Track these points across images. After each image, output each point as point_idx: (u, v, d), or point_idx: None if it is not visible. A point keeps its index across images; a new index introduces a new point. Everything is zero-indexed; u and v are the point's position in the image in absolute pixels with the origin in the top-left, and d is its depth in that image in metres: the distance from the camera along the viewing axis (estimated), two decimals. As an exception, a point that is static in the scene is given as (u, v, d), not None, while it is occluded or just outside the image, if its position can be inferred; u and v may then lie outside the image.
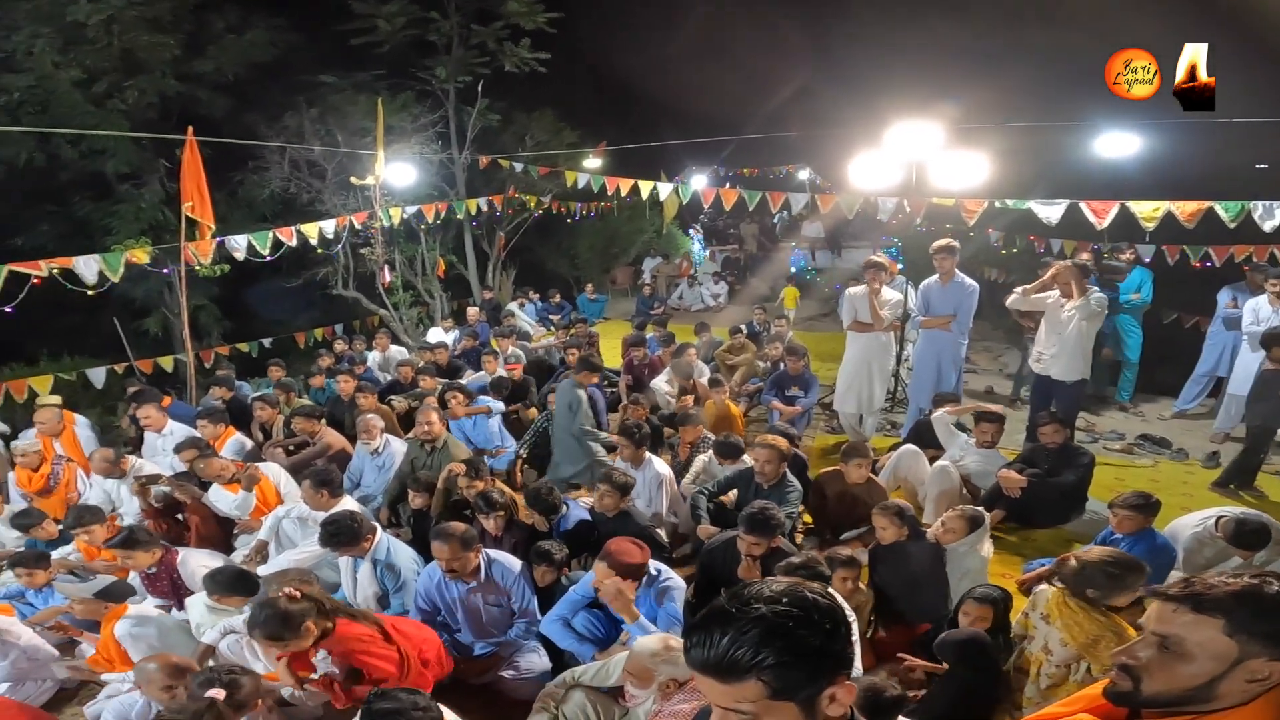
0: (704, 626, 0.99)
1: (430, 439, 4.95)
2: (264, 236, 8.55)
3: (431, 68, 12.04)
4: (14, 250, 10.43)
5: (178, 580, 4.03)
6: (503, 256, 13.84)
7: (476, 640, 3.48)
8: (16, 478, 5.31)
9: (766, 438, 4.20)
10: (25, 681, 3.65)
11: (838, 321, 10.98)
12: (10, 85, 10.25)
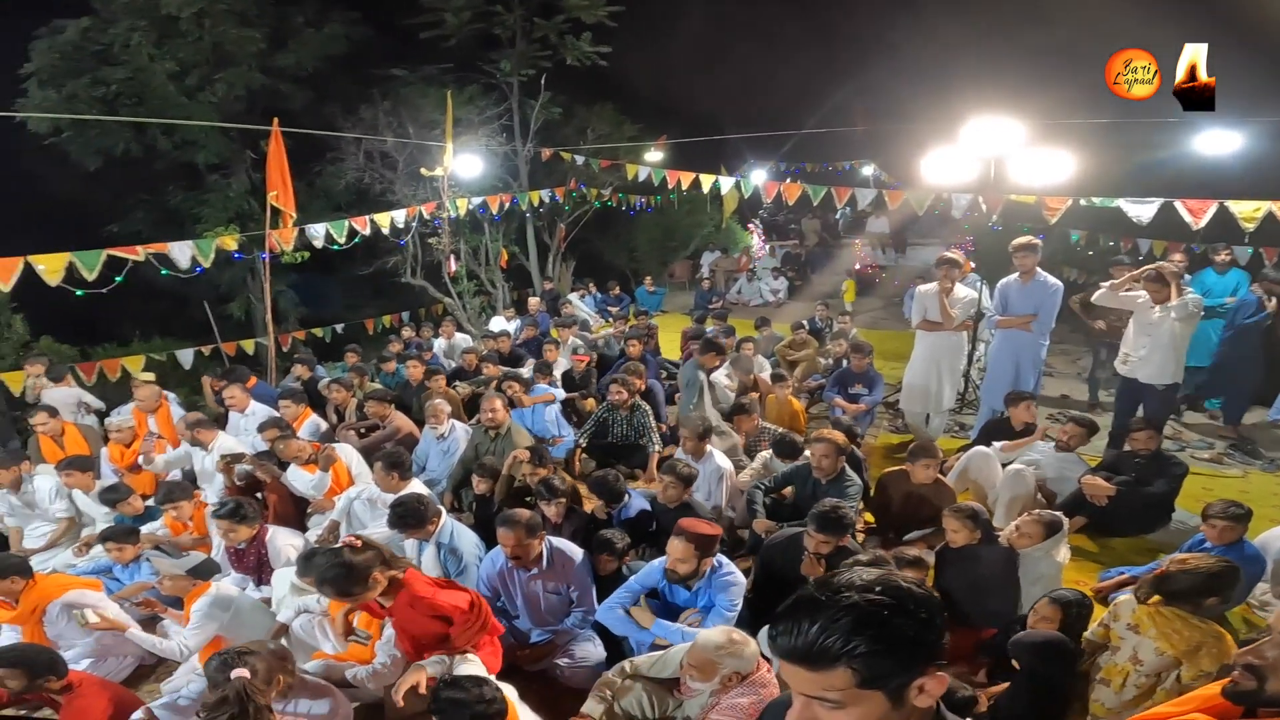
0: (792, 615, 0.99)
1: (494, 426, 5.05)
2: (340, 225, 8.91)
3: (496, 61, 12.28)
4: (110, 236, 11.26)
5: (263, 557, 4.12)
6: (563, 248, 14.04)
7: (534, 627, 3.53)
8: (109, 453, 5.57)
9: (823, 432, 4.17)
10: (108, 657, 3.75)
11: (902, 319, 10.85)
12: (109, 77, 10.92)
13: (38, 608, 3.63)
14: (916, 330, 5.78)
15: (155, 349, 9.50)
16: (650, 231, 16.24)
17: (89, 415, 6.56)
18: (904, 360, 6.01)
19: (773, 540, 3.70)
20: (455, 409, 5.90)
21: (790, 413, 5.61)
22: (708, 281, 12.75)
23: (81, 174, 11.82)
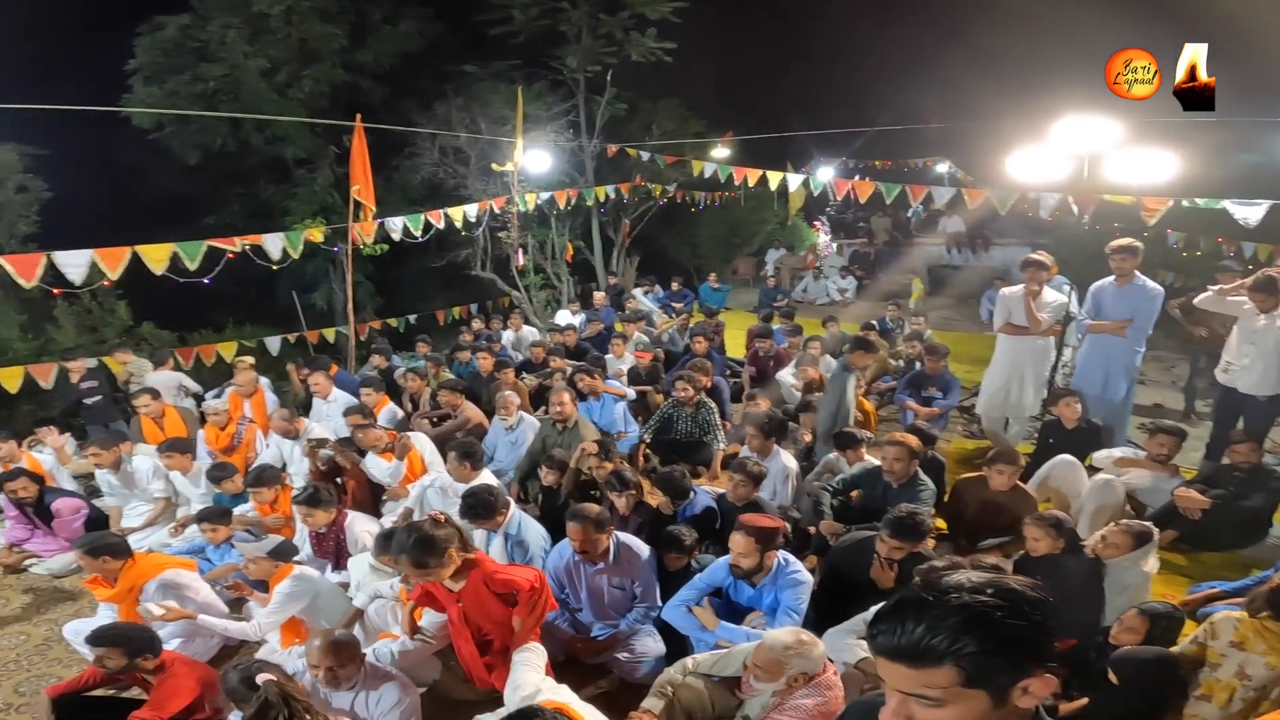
0: (897, 614, 1.01)
1: (562, 419, 5.13)
2: (416, 219, 9.22)
3: (562, 57, 12.42)
4: (207, 228, 11.96)
5: (342, 542, 4.18)
6: (627, 243, 14.11)
7: (596, 621, 3.54)
8: (205, 435, 5.83)
9: (895, 435, 4.07)
10: (196, 637, 3.81)
11: (975, 321, 10.45)
12: (207, 74, 11.57)
13: (135, 587, 3.70)
14: (998, 334, 5.54)
15: (246, 336, 10.08)
16: (714, 228, 16.14)
17: (187, 398, 7.00)
18: (978, 363, 5.82)
19: (841, 543, 3.65)
20: (523, 401, 6.02)
21: (862, 414, 5.48)
22: (773, 279, 12.59)
23: (182, 168, 12.62)
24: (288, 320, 12.30)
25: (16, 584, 4.78)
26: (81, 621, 3.97)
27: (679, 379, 5.41)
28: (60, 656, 4.02)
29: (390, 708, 2.72)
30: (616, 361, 6.84)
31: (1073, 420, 4.86)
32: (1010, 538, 3.95)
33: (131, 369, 7.19)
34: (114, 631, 2.97)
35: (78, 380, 6.62)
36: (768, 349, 6.91)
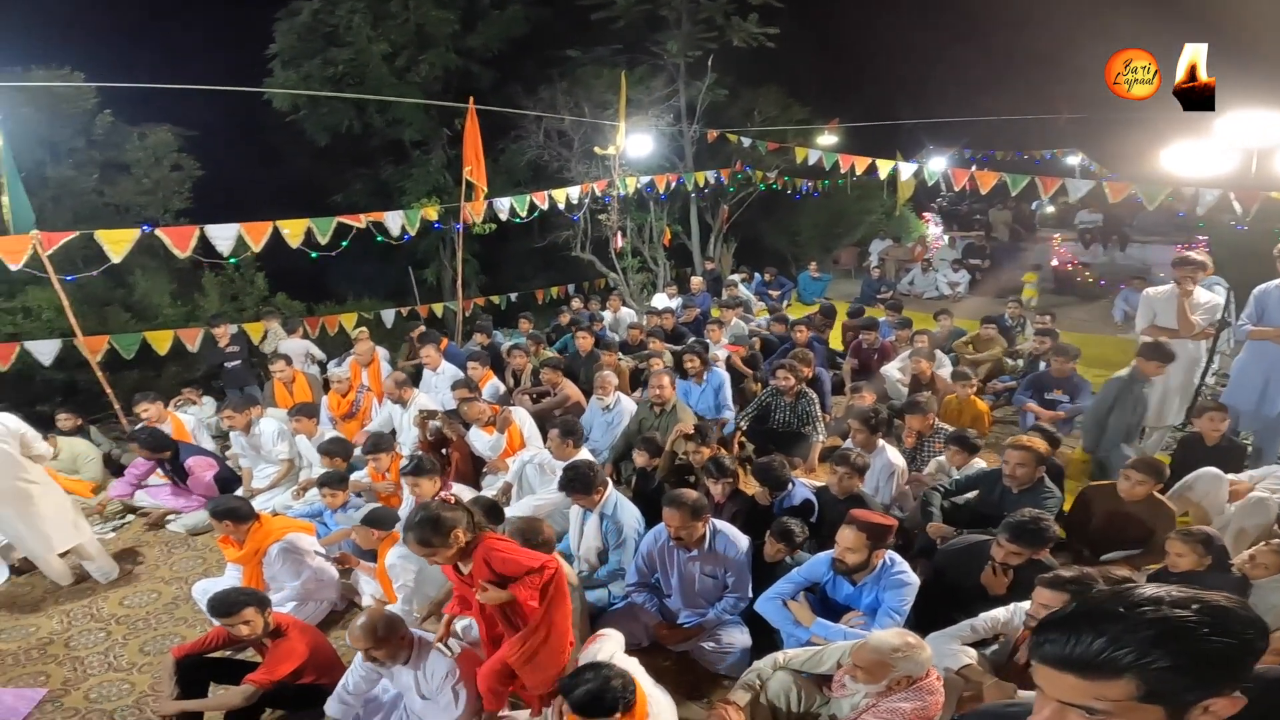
0: (1071, 623, 0.99)
1: (660, 401, 5.14)
2: (523, 200, 9.50)
3: (663, 42, 12.39)
4: (333, 206, 12.79)
5: None
6: (725, 229, 13.97)
7: (684, 608, 3.52)
8: (328, 401, 6.19)
9: (1021, 439, 3.81)
10: (309, 601, 3.92)
11: (1108, 322, 9.61)
12: (336, 58, 12.24)
13: (260, 549, 3.85)
14: (1140, 337, 5.07)
15: (365, 308, 10.71)
16: (815, 216, 15.66)
17: (313, 365, 7.54)
18: (1107, 367, 5.37)
19: (950, 546, 3.50)
20: (621, 382, 6.07)
21: (973, 414, 5.17)
22: (877, 270, 12.07)
23: (313, 149, 13.53)
24: (400, 294, 13.04)
25: (154, 540, 5.14)
26: (210, 581, 4.21)
27: (780, 367, 5.29)
28: (185, 616, 4.22)
29: (443, 679, 2.81)
30: (714, 347, 6.77)
31: (1215, 437, 4.43)
32: (1139, 550, 3.69)
33: (271, 335, 7.80)
34: (240, 594, 3.09)
35: (224, 344, 7.24)
36: (872, 341, 6.64)
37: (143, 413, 5.57)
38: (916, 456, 4.77)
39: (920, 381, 5.76)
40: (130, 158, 10.63)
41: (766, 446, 5.23)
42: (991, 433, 5.43)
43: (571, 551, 4.08)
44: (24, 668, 3.81)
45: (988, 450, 4.59)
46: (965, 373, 5.41)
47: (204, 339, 7.52)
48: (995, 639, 2.87)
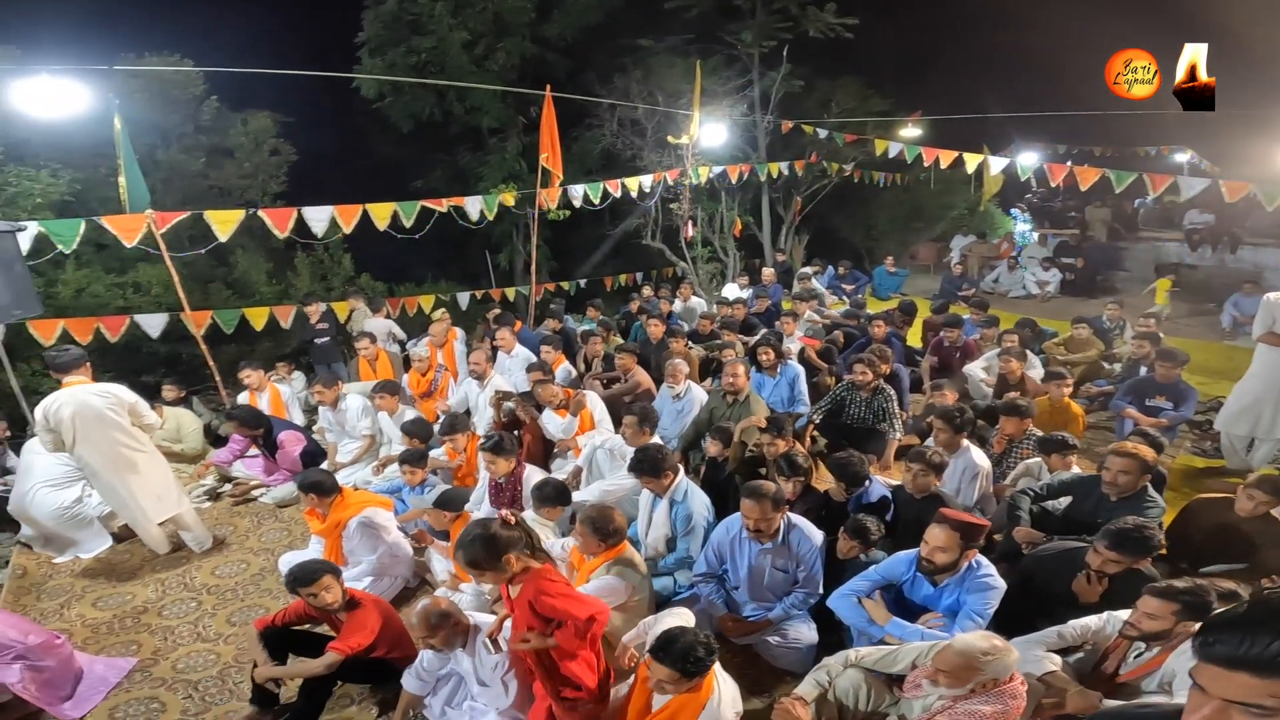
0: (1247, 624, 1.01)
1: (734, 391, 5.09)
2: (596, 187, 9.59)
3: (737, 32, 12.25)
4: (414, 191, 13.23)
5: (518, 494, 4.27)
6: (797, 221, 13.73)
7: (750, 601, 3.48)
8: (408, 379, 6.39)
9: (1127, 445, 3.61)
10: (384, 576, 3.98)
11: (1214, 329, 8.94)
12: (419, 46, 12.60)
13: (341, 522, 3.93)
14: (1257, 344, 4.70)
15: (441, 290, 11.07)
16: (893, 210, 15.18)
17: (394, 344, 7.85)
18: (1213, 375, 5.14)
19: (1041, 551, 3.38)
20: (691, 370, 6.06)
21: (1067, 417, 4.90)
22: (959, 267, 11.57)
23: (396, 136, 14.02)
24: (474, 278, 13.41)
25: (245, 511, 5.35)
26: (295, 554, 4.34)
27: (857, 361, 5.16)
28: (270, 588, 4.34)
29: (492, 669, 2.85)
30: (787, 340, 6.66)
31: None
32: (1245, 565, 3.48)
33: (357, 314, 8.16)
34: (317, 565, 3.20)
35: (315, 322, 7.61)
36: (954, 339, 6.38)
37: (245, 379, 5.89)
38: (1003, 461, 4.57)
39: (1008, 382, 5.50)
40: (233, 142, 11.30)
41: (839, 442, 5.11)
42: (1084, 438, 5.14)
43: (639, 539, 4.09)
44: (118, 636, 3.93)
45: (1079, 456, 4.35)
46: (1061, 372, 5.12)
47: (296, 316, 7.94)
48: (1078, 647, 2.77)
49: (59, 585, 4.50)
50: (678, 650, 2.32)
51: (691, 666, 2.31)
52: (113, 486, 4.42)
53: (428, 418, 5.85)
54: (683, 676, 2.33)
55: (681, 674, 2.32)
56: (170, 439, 5.89)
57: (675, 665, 2.32)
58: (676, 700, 2.42)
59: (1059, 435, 4.15)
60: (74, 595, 4.38)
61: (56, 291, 7.91)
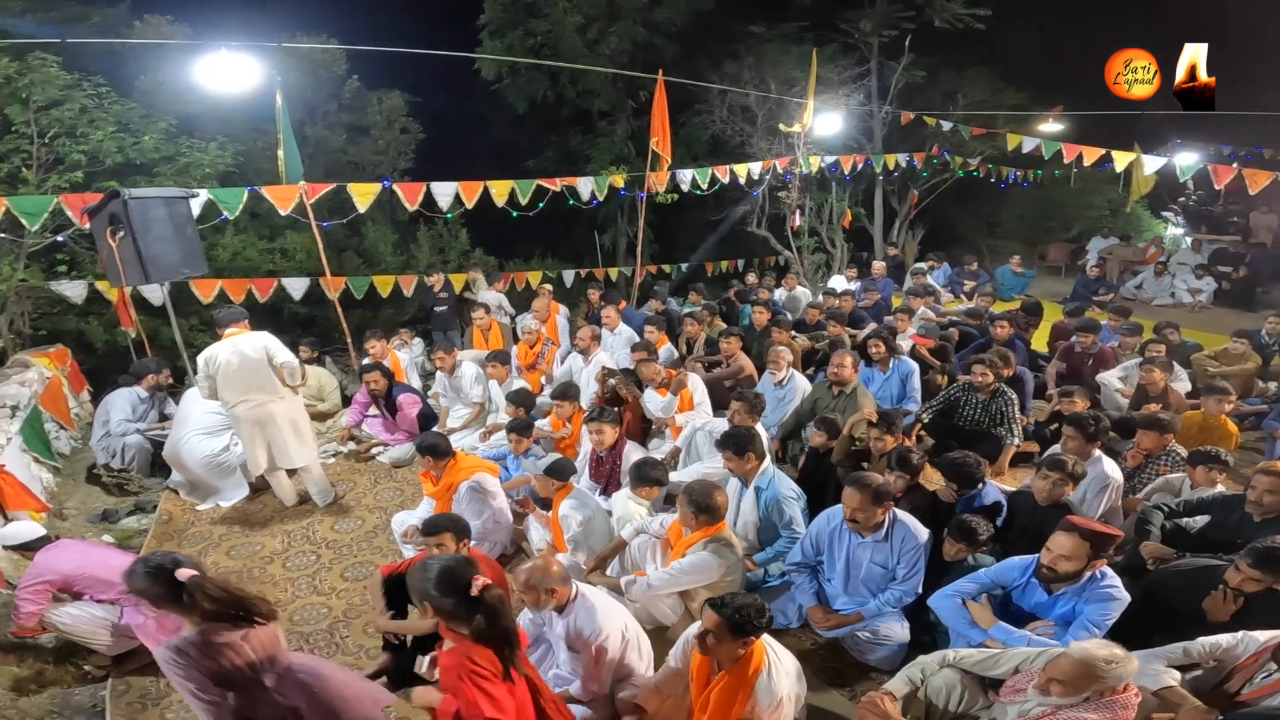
0: None
1: (840, 383, 4.99)
2: (705, 172, 9.57)
3: (854, 21, 11.88)
4: (526, 170, 13.63)
5: (617, 469, 4.38)
6: (912, 215, 13.15)
7: (842, 594, 3.44)
8: (517, 351, 6.63)
9: (1276, 464, 3.47)
10: (484, 542, 4.05)
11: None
12: (535, 29, 12.89)
13: (452, 485, 4.05)
14: None
15: (548, 268, 11.46)
16: (1021, 207, 14.25)
17: (504, 316, 8.21)
18: None
19: (1173, 567, 3.29)
20: (795, 359, 5.97)
21: (1221, 434, 4.47)
22: (1096, 270, 10.66)
23: (512, 117, 14.48)
24: (579, 257, 13.71)
25: (364, 469, 5.65)
26: (406, 513, 4.52)
27: (978, 362, 4.91)
28: (381, 545, 4.54)
29: (585, 640, 2.84)
30: (900, 335, 6.41)
31: None
32: None
33: (477, 284, 8.58)
34: (452, 519, 3.32)
35: (437, 290, 8.07)
36: (1088, 345, 5.93)
37: (370, 348, 6.31)
38: (1136, 475, 4.26)
39: (1149, 394, 5.08)
40: (369, 120, 12.07)
41: (948, 443, 4.90)
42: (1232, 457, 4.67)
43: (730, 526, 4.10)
44: (246, 586, 3.86)
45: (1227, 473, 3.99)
46: (1223, 388, 4.65)
47: (418, 285, 8.45)
48: (1197, 664, 2.70)
49: (199, 532, 4.81)
50: (732, 606, 2.40)
51: (739, 621, 2.38)
52: (256, 433, 4.69)
53: (533, 388, 6.04)
54: (727, 629, 2.39)
55: (728, 627, 2.39)
56: (314, 397, 6.35)
57: (725, 615, 2.39)
58: (730, 672, 2.48)
59: (1213, 449, 3.86)
60: (211, 543, 4.69)
61: (216, 254, 8.75)
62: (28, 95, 6.58)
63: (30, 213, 6.00)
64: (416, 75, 12.23)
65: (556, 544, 3.94)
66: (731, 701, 2.47)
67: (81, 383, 7.20)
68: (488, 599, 2.22)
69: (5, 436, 4.95)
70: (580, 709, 2.90)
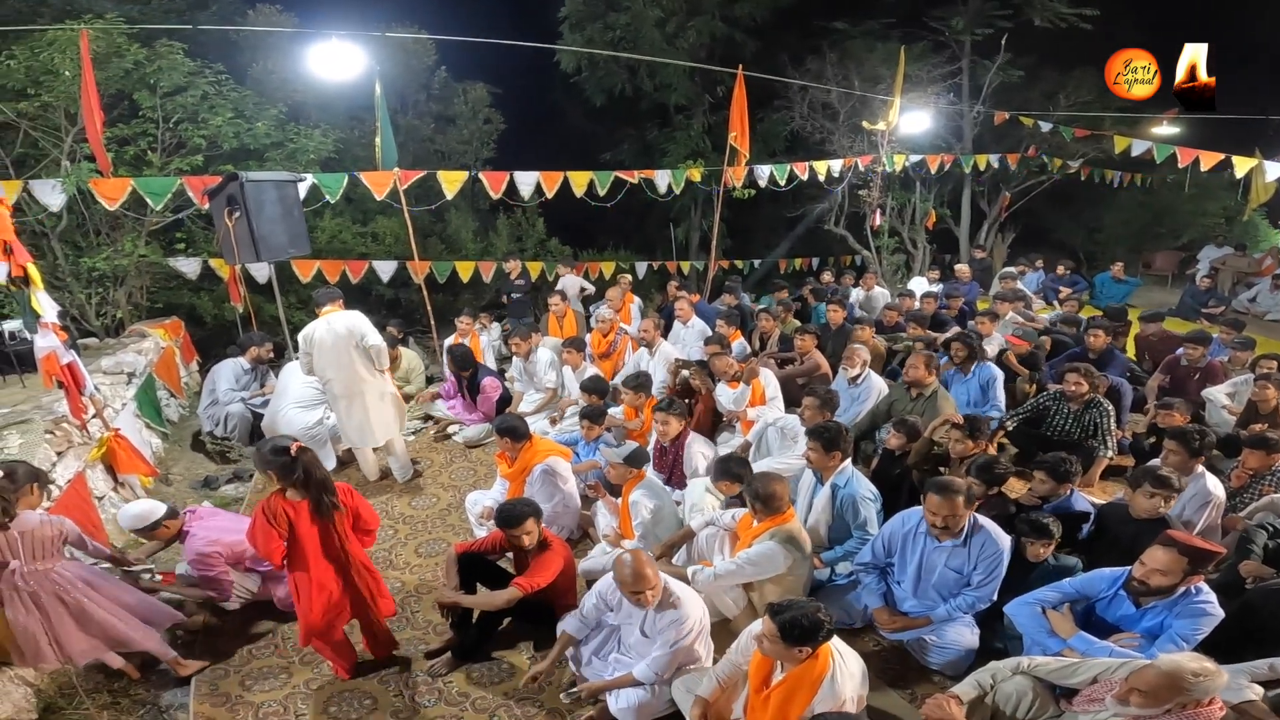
0: None
1: (918, 385, 4.85)
2: (783, 169, 9.45)
3: (945, 18, 11.48)
4: (603, 162, 13.78)
5: (679, 460, 4.38)
6: (1003, 217, 12.59)
7: (911, 597, 3.37)
8: (591, 338, 6.72)
9: None
10: (551, 526, 4.01)
11: None
12: (615, 23, 12.94)
13: (527, 467, 4.10)
14: None
15: (621, 259, 11.56)
16: (1127, 212, 13.43)
17: (579, 304, 8.36)
18: None
19: (1269, 586, 3.17)
20: (875, 360, 5.84)
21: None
22: (1207, 280, 9.92)
23: (589, 109, 14.62)
24: (651, 249, 13.77)
25: (441, 448, 5.79)
26: (480, 493, 4.61)
27: (1071, 371, 4.70)
28: (455, 524, 4.64)
29: (666, 625, 2.89)
30: (986, 340, 6.16)
31: None
32: None
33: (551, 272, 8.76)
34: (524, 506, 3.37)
35: (514, 277, 8.30)
36: (1196, 358, 5.55)
37: (460, 323, 6.54)
38: (1240, 495, 4.03)
39: (1259, 412, 4.72)
40: (455, 110, 12.50)
41: (1033, 451, 4.68)
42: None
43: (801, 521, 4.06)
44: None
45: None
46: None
47: (497, 271, 8.72)
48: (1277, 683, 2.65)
49: (288, 502, 5.18)
50: (788, 614, 2.39)
51: (793, 630, 2.37)
52: (346, 409, 4.88)
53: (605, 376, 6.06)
54: (780, 636, 2.39)
55: (780, 634, 2.39)
56: (401, 378, 6.57)
57: (779, 623, 2.39)
58: (794, 673, 2.47)
59: None
60: (299, 512, 5.04)
61: (315, 236, 9.23)
62: (155, 81, 7.03)
63: (155, 193, 6.49)
64: (499, 67, 12.56)
65: (623, 530, 3.98)
66: (792, 703, 2.48)
67: (192, 353, 7.80)
68: (302, 459, 3.03)
69: (121, 402, 5.38)
70: (637, 693, 2.96)
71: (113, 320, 7.26)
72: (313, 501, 3.06)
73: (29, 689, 3.13)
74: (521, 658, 3.48)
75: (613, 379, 6.25)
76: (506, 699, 3.22)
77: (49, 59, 6.39)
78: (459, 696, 3.25)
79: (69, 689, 3.17)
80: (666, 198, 8.89)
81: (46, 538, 3.06)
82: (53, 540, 3.08)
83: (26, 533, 3.02)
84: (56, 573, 3.07)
